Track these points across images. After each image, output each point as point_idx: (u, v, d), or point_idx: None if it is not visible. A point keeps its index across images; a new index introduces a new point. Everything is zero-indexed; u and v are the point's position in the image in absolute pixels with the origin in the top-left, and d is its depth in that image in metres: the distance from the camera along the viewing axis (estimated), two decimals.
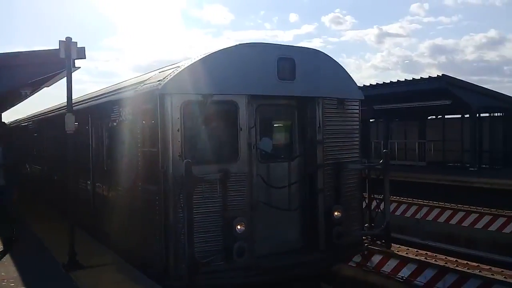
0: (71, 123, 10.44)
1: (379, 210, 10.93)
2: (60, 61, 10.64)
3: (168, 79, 9.08)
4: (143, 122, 9.88)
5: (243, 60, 9.60)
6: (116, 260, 10.71)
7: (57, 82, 17.75)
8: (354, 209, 10.98)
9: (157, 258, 9.20)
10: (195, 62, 9.35)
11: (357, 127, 11.10)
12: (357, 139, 11.10)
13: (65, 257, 10.31)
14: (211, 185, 9.03)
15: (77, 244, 10.41)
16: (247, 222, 9.25)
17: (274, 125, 11.05)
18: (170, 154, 8.93)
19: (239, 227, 9.16)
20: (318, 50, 10.52)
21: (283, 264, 9.87)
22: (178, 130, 8.95)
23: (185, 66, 9.27)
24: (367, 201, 11.43)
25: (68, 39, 10.19)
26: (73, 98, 10.64)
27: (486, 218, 17.95)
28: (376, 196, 11.31)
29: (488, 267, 11.21)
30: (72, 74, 10.53)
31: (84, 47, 11.19)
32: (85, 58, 11.48)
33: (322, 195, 10.37)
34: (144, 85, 9.99)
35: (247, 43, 9.83)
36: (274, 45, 10.07)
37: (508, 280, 10.29)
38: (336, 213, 10.31)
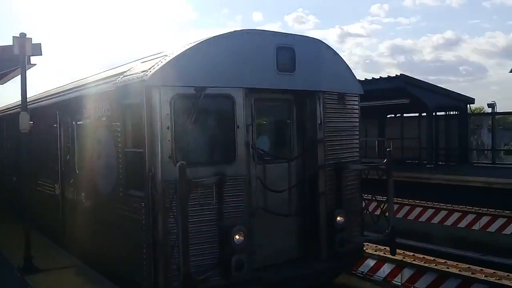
0: (25, 122, 9.51)
1: (384, 214, 9.66)
2: (15, 58, 9.60)
3: (156, 69, 7.50)
4: (125, 118, 8.27)
5: (239, 49, 8.12)
6: (75, 263, 9.89)
7: (15, 79, 15.99)
8: (355, 213, 9.69)
9: (143, 274, 7.63)
10: (186, 50, 7.80)
11: (357, 124, 9.81)
12: (357, 137, 9.81)
13: (21, 260, 9.52)
14: (206, 190, 7.55)
15: (34, 247, 9.66)
16: (246, 231, 7.83)
17: (271, 122, 9.58)
18: (158, 155, 7.39)
19: (237, 237, 7.72)
20: (319, 39, 9.15)
21: (285, 277, 8.47)
22: (167, 128, 7.42)
23: (174, 55, 7.70)
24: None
25: (23, 34, 9.26)
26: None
27: (443, 213, 18.01)
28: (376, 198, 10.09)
29: (443, 260, 11.12)
30: (28, 71, 9.76)
31: (40, 44, 10.30)
32: (41, 54, 10.57)
33: (324, 199, 9.02)
34: (124, 77, 8.36)
35: (243, 30, 8.33)
36: (273, 32, 8.59)
37: (463, 273, 10.20)
38: (338, 218, 9.01)
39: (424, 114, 30.47)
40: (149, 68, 7.65)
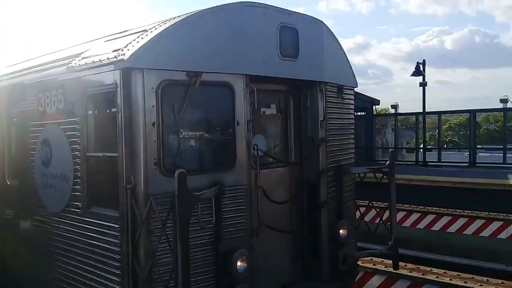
0: None
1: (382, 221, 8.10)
2: None
3: (136, 47, 5.32)
4: (87, 113, 5.96)
5: (238, 26, 6.11)
6: None
7: None
8: (352, 223, 8.04)
9: None
10: (174, 24, 5.67)
11: (353, 121, 8.18)
12: (353, 135, 8.18)
13: None
14: (201, 205, 5.52)
15: None
16: (249, 256, 5.90)
17: (267, 117, 7.59)
18: (141, 161, 5.26)
19: (239, 263, 5.79)
20: (321, 20, 7.31)
21: None
22: (153, 125, 5.30)
23: (159, 30, 5.55)
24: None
25: None
26: None
27: None
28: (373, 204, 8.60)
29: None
30: None
31: None
32: None
33: (326, 209, 7.26)
34: (84, 58, 6.06)
35: (244, 2, 6.27)
36: (275, 7, 6.57)
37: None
38: (341, 231, 7.31)
39: None
40: (125, 46, 5.46)
